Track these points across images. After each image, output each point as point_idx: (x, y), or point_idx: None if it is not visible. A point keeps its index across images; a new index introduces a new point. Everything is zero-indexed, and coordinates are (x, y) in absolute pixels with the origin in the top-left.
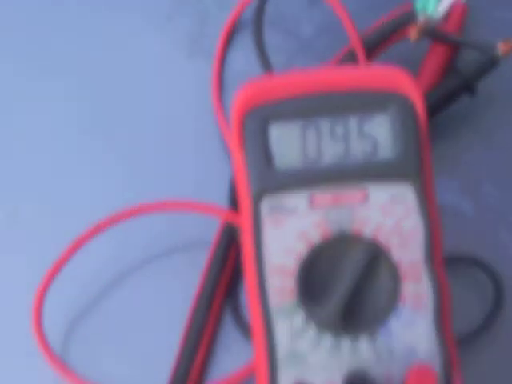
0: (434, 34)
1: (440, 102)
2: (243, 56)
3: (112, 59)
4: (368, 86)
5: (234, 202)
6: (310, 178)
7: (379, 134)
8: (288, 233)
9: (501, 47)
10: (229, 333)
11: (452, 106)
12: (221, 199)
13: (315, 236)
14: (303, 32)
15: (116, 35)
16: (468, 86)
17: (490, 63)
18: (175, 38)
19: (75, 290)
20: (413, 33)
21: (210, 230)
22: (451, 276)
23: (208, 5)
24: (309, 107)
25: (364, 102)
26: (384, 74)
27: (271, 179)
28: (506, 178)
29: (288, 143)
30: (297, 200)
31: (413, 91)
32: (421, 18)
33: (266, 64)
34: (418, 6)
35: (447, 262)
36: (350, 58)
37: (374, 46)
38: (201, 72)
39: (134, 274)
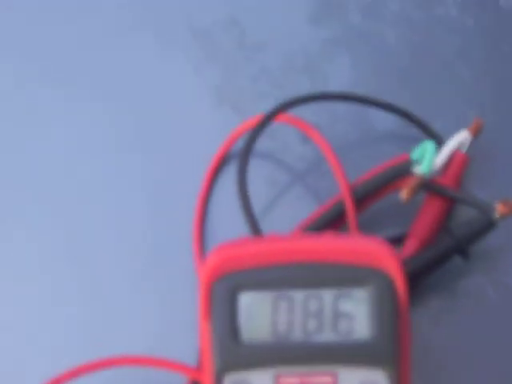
0: (429, 187)
1: (430, 264)
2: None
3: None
4: (346, 259)
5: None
6: (278, 356)
7: (354, 312)
8: None
9: (499, 208)
10: None
11: (444, 266)
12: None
13: None
14: (295, 170)
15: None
16: (461, 249)
17: (487, 226)
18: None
19: None
20: (404, 194)
21: None
22: None
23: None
24: (282, 278)
25: (341, 276)
26: (363, 247)
27: (236, 354)
28: None
29: (257, 315)
30: (262, 379)
31: (393, 266)
32: (415, 176)
33: (249, 220)
34: (414, 157)
35: None
36: (339, 208)
37: (366, 197)
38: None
39: None
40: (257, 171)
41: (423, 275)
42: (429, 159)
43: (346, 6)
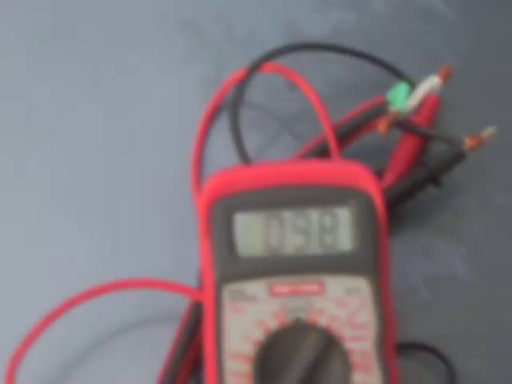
0: (403, 125)
1: (406, 192)
2: (223, 138)
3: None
4: (330, 181)
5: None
6: (271, 267)
7: (338, 227)
8: (247, 319)
9: (467, 141)
10: None
11: (418, 195)
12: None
13: (273, 323)
14: (283, 114)
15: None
16: (434, 179)
17: (456, 157)
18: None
19: (47, 361)
20: (382, 126)
21: (179, 307)
22: (406, 364)
23: (224, 51)
24: (273, 199)
25: (325, 196)
26: (345, 170)
27: (233, 267)
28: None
29: (251, 233)
30: (257, 288)
31: (372, 187)
32: (391, 111)
33: (241, 154)
34: (389, 97)
35: (402, 349)
36: (323, 145)
37: (347, 135)
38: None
39: (104, 348)
40: (246, 119)
41: (401, 202)
42: (402, 97)
43: None
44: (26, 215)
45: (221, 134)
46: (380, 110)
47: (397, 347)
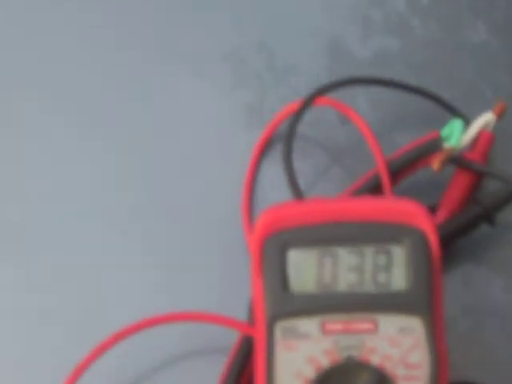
0: (458, 161)
1: (459, 230)
2: (275, 171)
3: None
4: (383, 218)
5: (252, 317)
6: (323, 305)
7: (392, 265)
8: (299, 357)
9: None
10: None
11: (471, 233)
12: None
13: (325, 361)
14: (334, 148)
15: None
16: (488, 217)
17: (511, 195)
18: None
19: None
20: (436, 163)
21: (228, 343)
22: None
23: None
24: (326, 236)
25: (379, 234)
26: (399, 207)
27: (286, 304)
28: None
29: (304, 270)
30: (309, 326)
31: (426, 224)
32: (445, 148)
33: (294, 188)
34: (444, 133)
35: None
36: (375, 181)
37: (400, 171)
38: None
39: (149, 382)
40: (298, 152)
41: (453, 240)
42: (457, 134)
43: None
44: (84, 244)
45: (272, 167)
46: (434, 146)
47: None
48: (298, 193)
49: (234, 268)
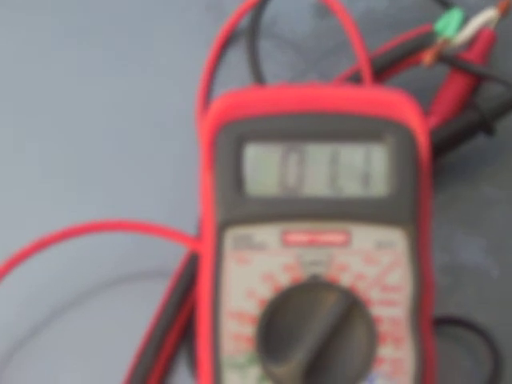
0: (452, 61)
1: (452, 139)
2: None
3: None
4: (366, 111)
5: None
6: (286, 210)
7: (372, 167)
8: (253, 272)
9: None
10: (182, 379)
11: (465, 145)
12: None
13: (284, 279)
14: (307, 49)
15: None
16: (485, 125)
17: None
18: None
19: (21, 308)
20: (427, 57)
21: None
22: (441, 341)
23: None
24: (293, 128)
25: (359, 129)
26: (385, 98)
27: (240, 207)
28: None
29: (265, 167)
30: (267, 235)
31: (417, 122)
32: (439, 41)
33: (256, 74)
34: (439, 27)
35: (438, 324)
36: (356, 80)
37: (384, 69)
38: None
39: (87, 296)
40: (266, 51)
41: (445, 150)
42: (455, 23)
43: None
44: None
45: (235, 65)
46: (426, 40)
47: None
48: (260, 79)
49: (187, 177)
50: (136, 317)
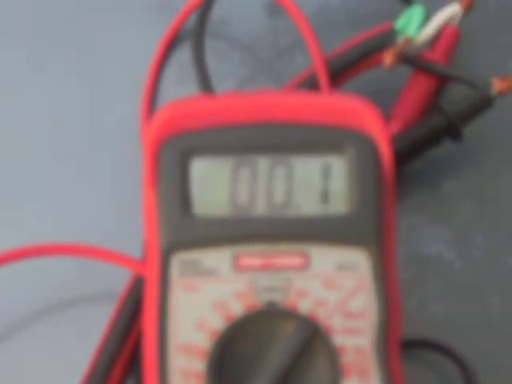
0: (415, 61)
1: (416, 146)
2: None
3: None
4: (322, 120)
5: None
6: (237, 232)
7: (330, 182)
8: (202, 301)
9: (496, 84)
10: None
11: (433, 150)
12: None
13: (237, 308)
14: (263, 52)
15: None
16: (452, 129)
17: (482, 104)
18: None
19: None
20: (388, 58)
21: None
22: (409, 365)
23: None
24: (244, 140)
25: (315, 140)
26: (343, 106)
27: (187, 230)
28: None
29: (213, 185)
30: (217, 260)
31: (378, 130)
32: (400, 41)
33: (204, 81)
34: (399, 25)
35: (406, 348)
36: (311, 84)
37: (342, 72)
38: None
39: (23, 329)
40: (217, 46)
41: (408, 157)
42: (417, 21)
43: None
44: None
45: (180, 69)
46: (386, 40)
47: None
48: (208, 86)
49: (129, 194)
50: (80, 345)
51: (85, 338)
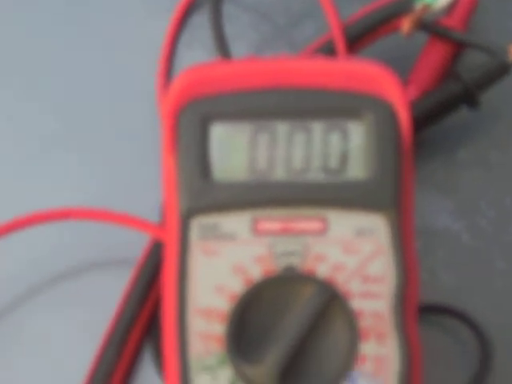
0: (432, 28)
1: (433, 113)
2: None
3: None
4: (341, 85)
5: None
6: (256, 197)
7: (349, 148)
8: (222, 265)
9: None
10: (147, 379)
11: (447, 118)
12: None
13: (256, 272)
14: (276, 17)
15: None
16: (469, 96)
17: (499, 70)
18: None
19: None
20: (406, 24)
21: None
22: (425, 329)
23: None
24: (263, 106)
25: (333, 106)
26: (362, 71)
27: (206, 194)
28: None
29: (232, 150)
30: (237, 224)
31: (397, 96)
32: (418, 7)
33: (222, 48)
34: None
35: (422, 313)
36: (328, 50)
37: (359, 38)
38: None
39: (39, 296)
40: (232, 11)
41: (425, 124)
42: None
43: None
44: None
45: (197, 33)
46: (403, 6)
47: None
48: (226, 52)
49: (147, 161)
50: (98, 311)
51: (102, 303)
